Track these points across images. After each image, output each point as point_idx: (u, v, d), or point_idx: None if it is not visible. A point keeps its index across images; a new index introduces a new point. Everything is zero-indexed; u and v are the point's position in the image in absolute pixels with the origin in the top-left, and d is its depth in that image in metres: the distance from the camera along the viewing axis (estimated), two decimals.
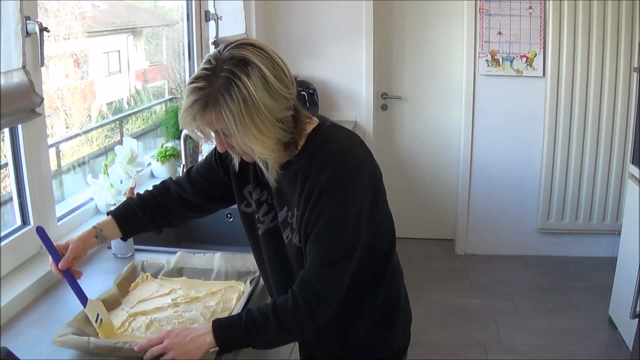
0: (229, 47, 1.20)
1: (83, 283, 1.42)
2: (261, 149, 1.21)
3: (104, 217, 1.53)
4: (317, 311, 1.26)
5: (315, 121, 1.35)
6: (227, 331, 1.27)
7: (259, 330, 1.26)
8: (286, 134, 1.24)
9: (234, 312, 1.46)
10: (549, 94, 3.78)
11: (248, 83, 1.16)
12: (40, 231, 1.38)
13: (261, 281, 1.64)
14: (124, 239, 1.55)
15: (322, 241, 1.26)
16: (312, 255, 1.28)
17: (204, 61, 1.21)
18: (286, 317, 1.26)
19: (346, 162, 1.26)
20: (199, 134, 1.26)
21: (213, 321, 1.29)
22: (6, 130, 1.63)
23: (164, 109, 3.02)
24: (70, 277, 1.38)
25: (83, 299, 1.38)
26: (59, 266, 1.37)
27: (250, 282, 1.60)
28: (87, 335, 1.32)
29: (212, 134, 1.26)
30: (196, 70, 1.22)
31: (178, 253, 1.73)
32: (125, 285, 1.61)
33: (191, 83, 1.19)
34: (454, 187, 4.21)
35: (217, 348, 1.26)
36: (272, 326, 1.25)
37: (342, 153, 1.28)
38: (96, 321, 1.37)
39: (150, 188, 1.60)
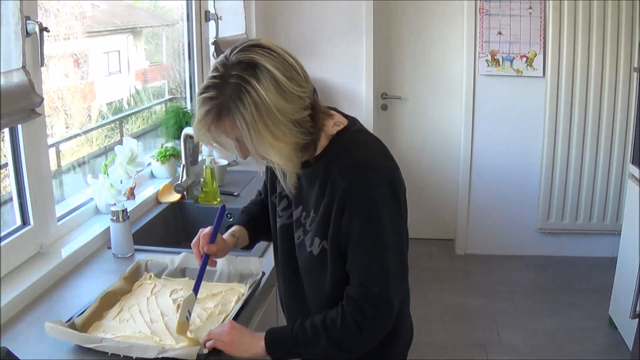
0: (235, 51, 1.15)
1: (83, 282, 1.42)
2: (276, 157, 1.17)
3: (104, 218, 1.53)
4: (365, 329, 1.24)
5: (341, 121, 1.31)
6: (277, 341, 1.29)
7: (309, 343, 1.26)
8: (304, 136, 1.20)
9: (232, 315, 1.45)
10: (549, 94, 3.78)
11: (259, 87, 1.11)
12: (223, 210, 1.44)
13: (261, 284, 1.64)
14: (249, 247, 1.61)
15: (358, 260, 1.23)
16: (353, 274, 1.26)
17: (211, 69, 1.17)
18: (335, 333, 1.25)
19: (365, 174, 1.22)
20: (215, 144, 1.21)
21: (267, 330, 1.31)
22: (6, 130, 1.63)
23: (164, 109, 3.02)
24: (206, 262, 1.41)
25: (196, 287, 1.40)
26: (205, 248, 1.40)
27: (250, 286, 1.59)
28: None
29: (231, 143, 1.23)
30: (204, 79, 1.17)
31: (182, 254, 1.72)
32: (129, 283, 1.61)
33: (201, 93, 1.15)
34: (454, 187, 4.21)
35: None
36: (322, 340, 1.25)
37: (363, 163, 1.24)
38: (185, 316, 1.36)
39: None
